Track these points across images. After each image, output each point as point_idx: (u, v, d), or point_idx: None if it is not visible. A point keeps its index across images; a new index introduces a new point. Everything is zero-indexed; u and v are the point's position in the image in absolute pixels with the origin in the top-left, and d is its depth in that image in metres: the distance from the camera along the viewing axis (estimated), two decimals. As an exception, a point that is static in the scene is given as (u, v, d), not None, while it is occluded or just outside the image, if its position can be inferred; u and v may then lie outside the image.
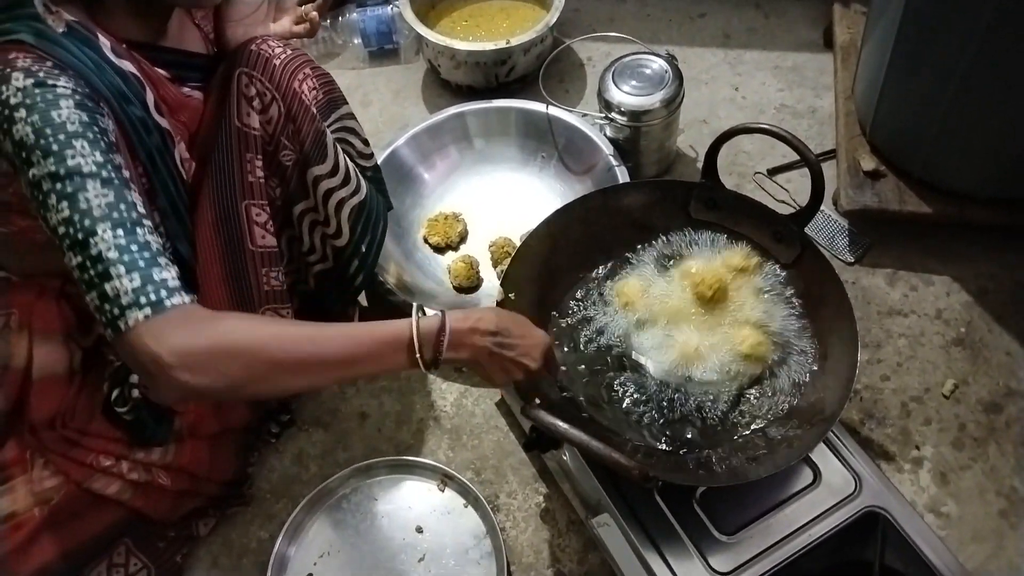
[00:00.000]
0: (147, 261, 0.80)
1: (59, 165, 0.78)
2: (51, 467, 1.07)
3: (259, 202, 1.06)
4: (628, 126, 1.47)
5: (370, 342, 0.87)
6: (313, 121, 1.08)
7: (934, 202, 1.38)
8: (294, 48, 1.10)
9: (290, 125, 1.06)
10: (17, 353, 1.06)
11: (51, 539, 1.05)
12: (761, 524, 1.03)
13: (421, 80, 1.85)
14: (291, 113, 1.06)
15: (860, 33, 1.58)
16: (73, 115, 0.80)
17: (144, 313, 0.77)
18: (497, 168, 1.62)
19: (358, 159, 1.21)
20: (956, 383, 1.32)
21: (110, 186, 0.80)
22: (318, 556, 1.21)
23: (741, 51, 1.82)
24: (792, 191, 1.54)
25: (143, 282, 0.78)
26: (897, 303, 1.41)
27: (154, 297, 0.78)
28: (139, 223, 0.82)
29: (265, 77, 1.04)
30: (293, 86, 1.06)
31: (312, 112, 1.08)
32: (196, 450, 1.15)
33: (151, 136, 0.93)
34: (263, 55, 1.05)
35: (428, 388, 1.38)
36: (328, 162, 1.10)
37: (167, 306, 0.78)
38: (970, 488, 1.22)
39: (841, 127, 1.50)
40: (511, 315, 0.98)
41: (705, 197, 1.20)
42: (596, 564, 1.19)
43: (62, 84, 0.81)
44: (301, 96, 1.07)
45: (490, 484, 1.27)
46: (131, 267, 0.79)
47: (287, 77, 1.06)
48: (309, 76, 1.10)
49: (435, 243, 1.51)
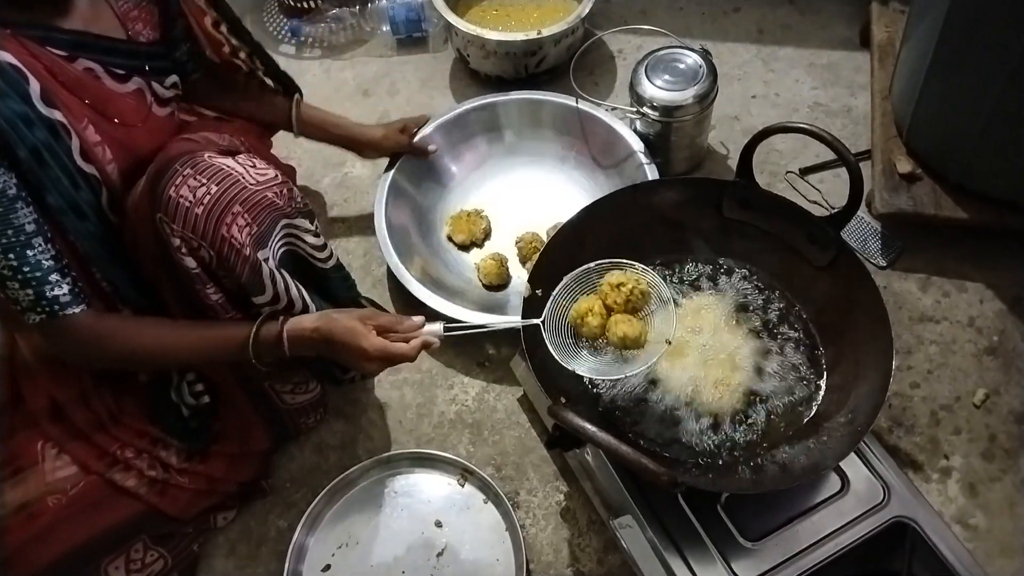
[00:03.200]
0: (39, 280, 0.92)
1: None
2: (65, 457, 1.07)
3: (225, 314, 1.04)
4: (660, 121, 1.44)
5: (213, 347, 1.03)
6: (246, 261, 0.98)
7: (971, 207, 1.35)
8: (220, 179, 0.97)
9: (224, 264, 0.98)
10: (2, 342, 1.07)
11: (68, 530, 1.05)
12: (787, 531, 1.02)
13: (449, 70, 1.83)
14: (222, 256, 0.97)
15: (898, 32, 1.55)
16: None
17: (40, 318, 0.94)
18: (525, 161, 1.60)
19: (313, 261, 1.11)
20: (987, 393, 1.29)
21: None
22: (336, 547, 1.20)
23: (775, 47, 1.79)
24: (824, 192, 1.52)
25: (36, 296, 0.92)
26: (929, 309, 1.39)
27: (48, 309, 0.93)
28: (28, 244, 0.90)
29: (187, 229, 0.95)
30: (220, 233, 0.96)
31: (244, 253, 0.98)
32: (217, 460, 1.16)
33: (34, 130, 0.89)
34: (182, 205, 0.94)
35: (450, 382, 1.37)
36: (268, 292, 1.03)
37: (59, 316, 0.94)
38: (999, 500, 1.20)
39: (877, 128, 1.47)
40: (346, 327, 1.00)
41: (739, 196, 1.18)
42: (616, 565, 1.17)
43: None
44: (231, 240, 0.97)
45: (510, 480, 1.26)
46: (24, 284, 0.91)
47: (212, 225, 0.95)
48: (239, 215, 0.97)
49: (460, 241, 1.49)
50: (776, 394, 1.10)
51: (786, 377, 1.11)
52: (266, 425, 1.20)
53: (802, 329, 1.15)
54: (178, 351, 1.03)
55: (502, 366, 1.37)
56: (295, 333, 1.02)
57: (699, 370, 1.12)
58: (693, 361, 1.12)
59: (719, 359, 1.12)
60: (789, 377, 1.11)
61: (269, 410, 1.20)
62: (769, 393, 1.10)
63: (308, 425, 1.29)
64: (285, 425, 1.24)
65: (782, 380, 1.11)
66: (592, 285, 1.06)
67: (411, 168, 1.51)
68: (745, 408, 1.09)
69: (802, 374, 1.12)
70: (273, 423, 1.21)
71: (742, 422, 1.08)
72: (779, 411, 1.09)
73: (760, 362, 1.12)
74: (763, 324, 1.16)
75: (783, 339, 1.15)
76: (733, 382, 1.10)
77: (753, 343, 1.14)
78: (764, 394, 1.10)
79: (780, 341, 1.14)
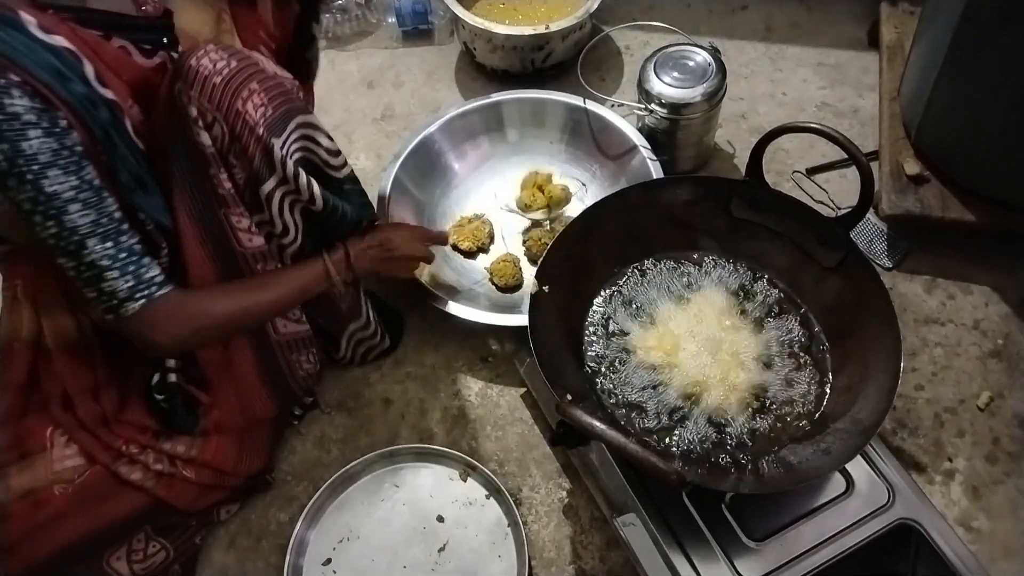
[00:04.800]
0: (135, 264, 0.92)
1: (38, 193, 0.84)
2: (73, 447, 1.06)
3: (236, 210, 1.02)
4: (667, 118, 1.44)
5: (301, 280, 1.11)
6: (259, 141, 0.99)
7: (979, 210, 1.34)
8: (241, 57, 0.99)
9: (236, 145, 0.99)
10: (25, 326, 1.05)
11: (74, 519, 1.04)
12: (791, 532, 1.01)
13: (455, 63, 1.82)
14: (235, 134, 0.98)
15: (908, 33, 1.54)
16: (43, 146, 0.83)
17: (140, 304, 0.93)
18: (528, 160, 1.58)
19: (326, 168, 1.10)
20: (992, 395, 1.29)
21: (89, 205, 0.87)
22: (337, 541, 1.20)
23: (783, 46, 1.79)
24: (831, 192, 1.51)
25: (136, 281, 0.92)
26: (934, 311, 1.38)
27: (146, 292, 0.93)
28: (120, 230, 0.91)
29: (203, 98, 0.96)
30: (236, 106, 0.97)
31: (258, 133, 0.99)
32: (222, 445, 1.15)
33: (99, 111, 0.89)
34: (201, 72, 0.96)
35: (453, 377, 1.36)
36: (277, 175, 1.02)
37: (156, 298, 0.94)
38: (1002, 503, 1.20)
39: (885, 129, 1.46)
40: (394, 225, 1.31)
41: (748, 195, 1.17)
42: (618, 563, 1.17)
43: (18, 103, 0.81)
44: (245, 116, 0.97)
45: (513, 477, 1.26)
46: (123, 271, 0.91)
47: (228, 96, 0.97)
48: (256, 92, 0.99)
49: (467, 248, 1.47)
50: (782, 394, 1.10)
51: (792, 378, 1.11)
52: (270, 391, 1.18)
53: (809, 330, 1.15)
54: (268, 303, 1.07)
55: (505, 362, 1.37)
56: (355, 246, 1.15)
57: (705, 369, 1.11)
58: (699, 360, 1.12)
59: (725, 359, 1.11)
60: (795, 378, 1.11)
61: (274, 374, 1.18)
62: (775, 393, 1.09)
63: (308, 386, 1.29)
64: (291, 389, 1.22)
65: (788, 380, 1.11)
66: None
67: (414, 165, 1.50)
68: (751, 408, 1.08)
69: (808, 375, 1.11)
70: (278, 389, 1.19)
71: (748, 422, 1.07)
72: (785, 411, 1.08)
73: (766, 362, 1.12)
74: (770, 324, 1.15)
75: (790, 340, 1.14)
76: (739, 382, 1.10)
77: (759, 343, 1.13)
78: (770, 394, 1.09)
79: (787, 341, 1.14)
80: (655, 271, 1.22)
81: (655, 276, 1.21)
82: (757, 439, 1.06)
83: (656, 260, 1.22)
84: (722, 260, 1.22)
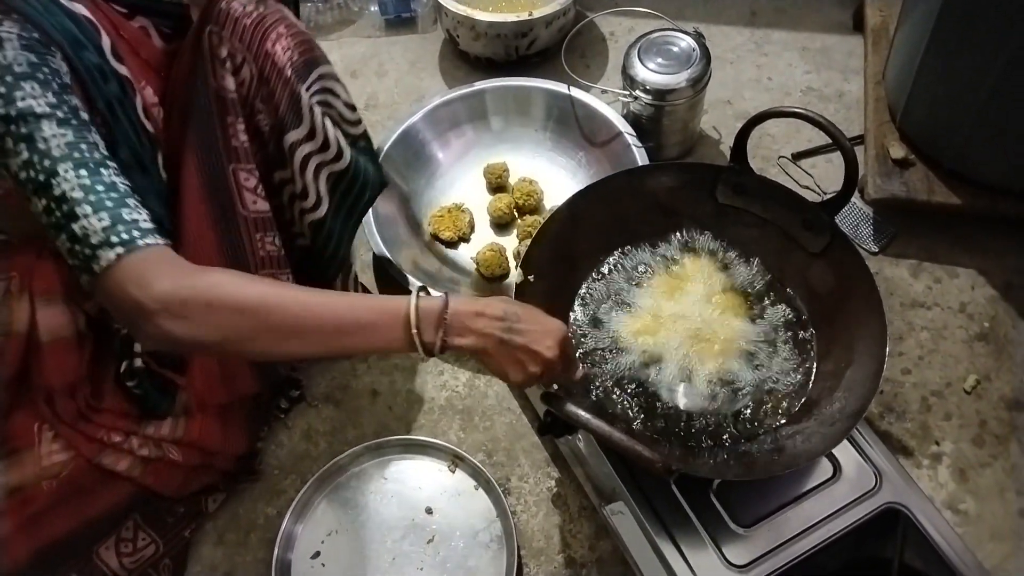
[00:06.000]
0: (115, 201, 0.78)
1: (9, 107, 0.76)
2: (61, 441, 1.05)
3: (246, 166, 1.01)
4: (652, 105, 1.43)
5: (365, 312, 0.82)
6: (287, 84, 1.02)
7: (964, 193, 1.34)
8: (267, 4, 1.04)
9: (263, 88, 1.01)
10: (19, 318, 1.03)
11: (61, 514, 1.03)
12: (779, 517, 1.01)
13: (438, 51, 1.80)
14: (263, 75, 1.00)
15: (893, 16, 1.54)
16: (20, 56, 0.77)
17: (116, 252, 0.75)
18: (513, 149, 1.57)
19: (343, 124, 1.12)
20: (978, 379, 1.29)
21: (67, 126, 0.78)
22: (326, 534, 1.19)
23: (768, 31, 1.78)
24: (817, 177, 1.51)
25: (112, 221, 0.76)
26: (920, 295, 1.38)
27: (126, 236, 0.76)
28: (103, 164, 0.79)
29: (235, 37, 0.98)
30: (265, 47, 1.00)
31: (286, 75, 1.02)
32: (206, 424, 1.13)
33: (108, 84, 0.88)
34: (232, 14, 0.99)
35: (440, 368, 1.36)
36: (304, 126, 1.04)
37: (139, 245, 0.76)
38: (989, 486, 1.20)
39: (870, 113, 1.46)
40: (521, 304, 0.90)
41: (733, 181, 1.17)
42: (607, 551, 1.17)
43: (4, 29, 0.77)
44: (274, 57, 1.01)
45: (501, 467, 1.25)
46: (98, 206, 0.76)
47: (258, 37, 1.00)
48: (283, 36, 1.02)
49: (448, 238, 1.46)
50: (768, 380, 1.09)
51: (778, 363, 1.11)
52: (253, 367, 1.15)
53: (795, 315, 1.15)
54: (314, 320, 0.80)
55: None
56: (461, 304, 0.84)
57: (691, 354, 1.11)
58: (684, 346, 1.11)
59: (711, 344, 1.11)
60: (781, 363, 1.11)
61: None
62: (761, 379, 1.09)
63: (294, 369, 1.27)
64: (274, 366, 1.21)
65: (774, 366, 1.10)
66: None
67: (398, 155, 1.49)
68: (737, 393, 1.08)
69: (794, 360, 1.11)
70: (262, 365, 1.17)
71: (734, 407, 1.07)
72: (771, 397, 1.08)
73: (751, 348, 1.11)
74: (755, 310, 1.15)
75: (775, 325, 1.14)
76: (725, 367, 1.10)
77: (745, 329, 1.13)
78: (756, 380, 1.09)
79: (772, 327, 1.14)
80: (639, 257, 1.21)
81: (639, 262, 1.20)
82: (743, 425, 1.06)
83: (641, 246, 1.22)
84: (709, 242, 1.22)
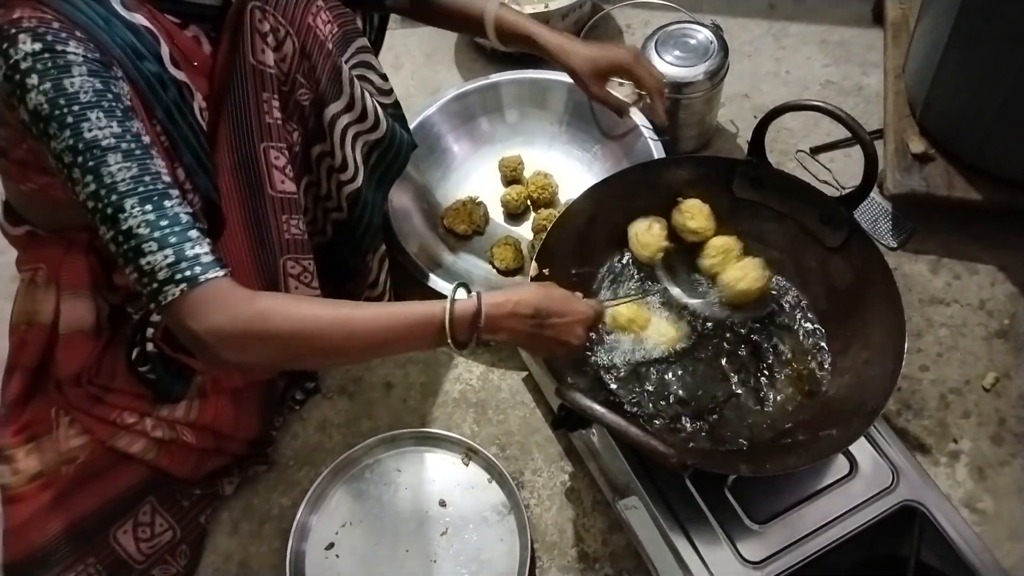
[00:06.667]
0: (178, 236, 0.80)
1: (76, 139, 0.77)
2: (77, 426, 1.06)
3: (277, 145, 1.01)
4: (669, 98, 1.42)
5: (403, 325, 0.87)
6: (328, 57, 1.03)
7: (985, 188, 1.33)
8: None
9: (305, 62, 1.02)
10: (44, 309, 1.05)
11: (79, 497, 1.05)
12: (794, 514, 1.01)
13: (454, 43, 1.80)
14: (305, 49, 1.02)
15: (913, 9, 1.52)
16: (86, 83, 0.78)
17: (180, 288, 0.79)
18: (527, 142, 1.56)
19: (377, 96, 1.14)
20: (997, 376, 1.28)
21: (132, 158, 0.79)
22: (340, 525, 1.20)
23: (786, 23, 1.76)
24: (835, 171, 1.49)
25: (177, 258, 0.79)
26: (939, 291, 1.37)
27: (188, 273, 0.79)
28: (166, 195, 0.81)
29: (278, 11, 0.99)
30: (307, 20, 1.02)
31: (327, 48, 1.03)
32: (220, 406, 1.14)
33: (168, 91, 0.90)
34: None
35: (455, 361, 1.36)
36: (344, 97, 1.06)
37: (200, 281, 0.79)
38: (1008, 485, 1.19)
39: (890, 107, 1.44)
40: (550, 293, 0.94)
41: (750, 175, 1.16)
42: (621, 546, 1.17)
43: (71, 49, 0.78)
44: (315, 31, 1.02)
45: (515, 460, 1.25)
46: (163, 243, 0.79)
47: (300, 11, 1.01)
48: (323, 9, 1.05)
49: (462, 232, 1.45)
50: (784, 376, 1.09)
51: (794, 359, 1.10)
52: None
53: (812, 311, 1.14)
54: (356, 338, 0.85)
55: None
56: (494, 303, 0.90)
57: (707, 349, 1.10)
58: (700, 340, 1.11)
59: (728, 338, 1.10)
60: (797, 359, 1.10)
61: None
62: (777, 375, 1.09)
63: None
64: None
65: (790, 362, 1.10)
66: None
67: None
68: (754, 390, 1.08)
69: (811, 356, 1.10)
70: None
71: (751, 404, 1.07)
72: (787, 393, 1.07)
73: (770, 343, 1.11)
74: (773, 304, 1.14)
75: (792, 320, 1.13)
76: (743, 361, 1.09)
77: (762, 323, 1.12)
78: (773, 376, 1.09)
79: (789, 322, 1.13)
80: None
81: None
82: (759, 422, 1.05)
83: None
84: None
